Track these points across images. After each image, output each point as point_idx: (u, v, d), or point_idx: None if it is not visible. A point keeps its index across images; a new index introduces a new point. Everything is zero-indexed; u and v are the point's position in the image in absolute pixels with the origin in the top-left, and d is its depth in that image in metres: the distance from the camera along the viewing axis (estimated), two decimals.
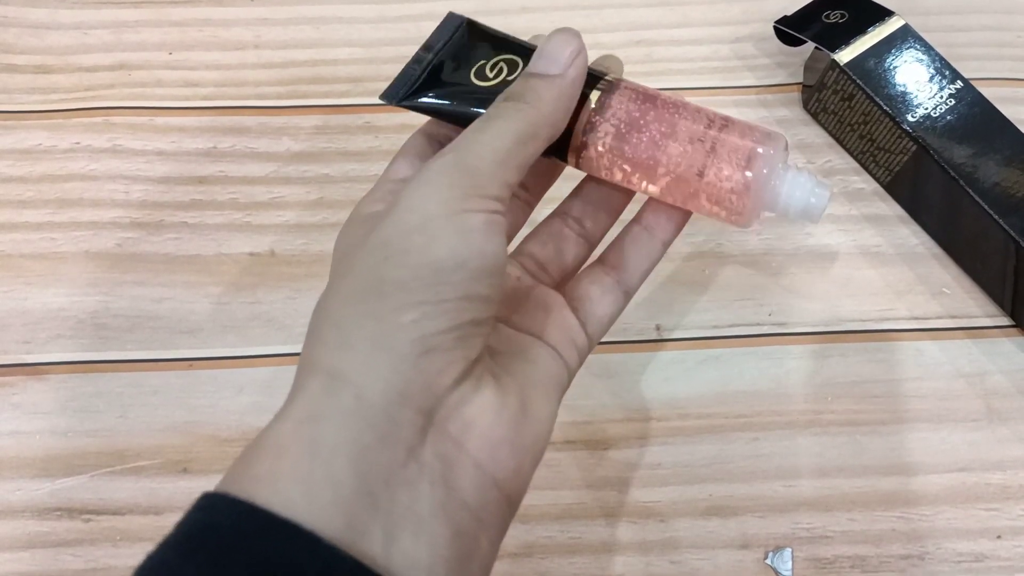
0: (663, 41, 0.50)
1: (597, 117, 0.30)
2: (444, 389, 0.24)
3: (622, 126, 0.30)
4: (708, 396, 0.41)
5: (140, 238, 0.44)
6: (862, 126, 0.45)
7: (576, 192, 0.33)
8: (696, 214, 0.31)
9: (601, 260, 0.32)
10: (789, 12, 0.48)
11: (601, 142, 0.30)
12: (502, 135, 0.26)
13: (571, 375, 0.30)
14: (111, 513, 0.38)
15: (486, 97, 0.30)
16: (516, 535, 0.38)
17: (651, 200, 0.32)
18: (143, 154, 0.46)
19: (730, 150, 0.29)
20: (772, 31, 0.49)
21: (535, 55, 0.29)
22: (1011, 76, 0.49)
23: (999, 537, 0.38)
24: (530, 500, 0.38)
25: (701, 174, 0.29)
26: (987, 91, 0.44)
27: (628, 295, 0.32)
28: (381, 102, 0.30)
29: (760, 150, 0.29)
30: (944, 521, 0.38)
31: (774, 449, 0.39)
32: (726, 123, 0.30)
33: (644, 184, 0.30)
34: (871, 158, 0.45)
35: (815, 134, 0.47)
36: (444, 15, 0.32)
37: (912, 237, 0.45)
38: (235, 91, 0.48)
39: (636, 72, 0.49)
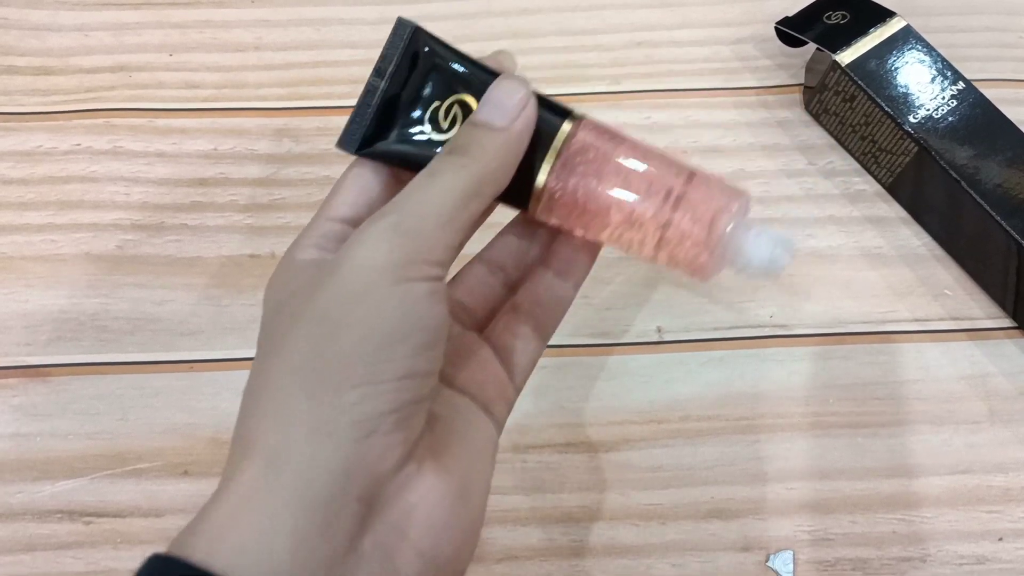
0: (664, 42, 0.50)
1: (561, 164, 0.29)
2: (385, 474, 0.23)
3: (588, 174, 0.29)
4: (709, 398, 0.40)
5: (141, 240, 0.44)
6: (864, 127, 0.45)
7: (500, 239, 0.33)
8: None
9: (516, 307, 0.31)
10: (790, 13, 0.48)
11: (564, 190, 0.29)
12: (445, 194, 0.25)
13: (500, 432, 0.29)
14: (112, 515, 0.38)
15: (440, 146, 0.29)
16: (516, 538, 0.38)
17: (559, 243, 0.31)
18: (144, 156, 0.46)
19: (695, 204, 0.29)
20: (773, 32, 0.49)
21: (482, 101, 0.27)
22: (1013, 77, 0.49)
23: (1000, 539, 0.38)
24: (531, 502, 0.38)
25: (665, 227, 0.29)
26: (989, 92, 0.44)
27: (546, 341, 0.32)
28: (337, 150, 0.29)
29: (726, 206, 0.29)
30: (945, 523, 0.38)
31: (775, 451, 0.39)
32: (692, 175, 0.29)
33: (603, 234, 0.30)
34: (873, 159, 0.45)
35: (816, 135, 0.47)
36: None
37: (914, 238, 0.44)
38: (236, 93, 0.48)
39: (637, 73, 0.49)
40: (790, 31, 0.47)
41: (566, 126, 0.29)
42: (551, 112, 0.29)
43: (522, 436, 0.40)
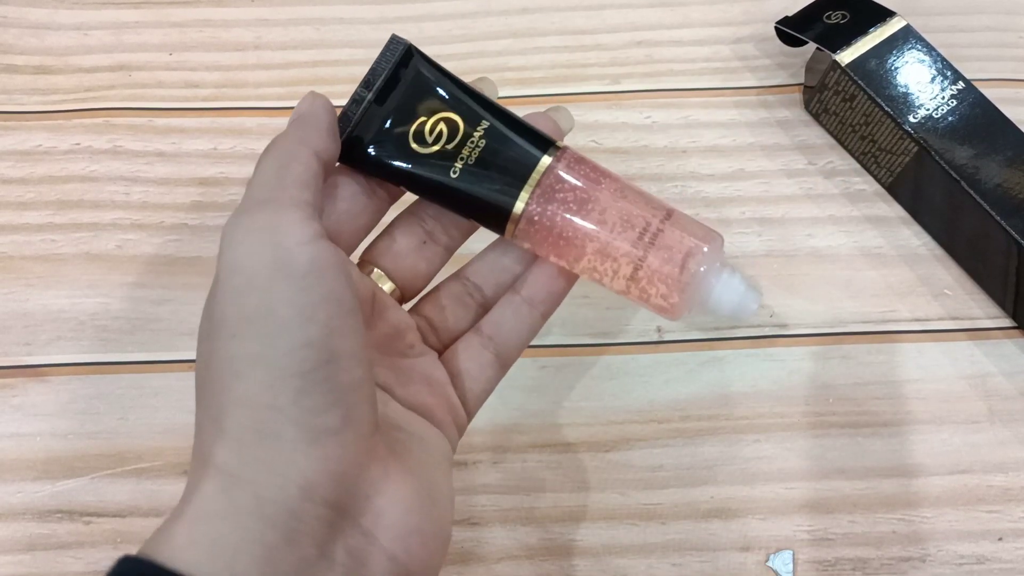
0: (664, 42, 0.50)
1: (541, 193, 0.29)
2: (349, 476, 0.23)
3: (566, 205, 0.29)
4: (709, 398, 0.40)
5: (140, 240, 0.44)
6: (863, 127, 0.45)
7: (481, 257, 0.33)
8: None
9: (480, 330, 0.31)
10: (790, 13, 0.48)
11: (542, 218, 0.29)
12: (265, 168, 0.26)
13: (454, 453, 0.29)
14: (112, 515, 0.38)
15: (423, 164, 0.29)
16: (517, 537, 0.38)
17: (534, 269, 0.31)
18: (143, 155, 0.46)
19: (670, 243, 0.29)
20: (773, 32, 0.49)
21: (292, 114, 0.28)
22: (1013, 77, 0.49)
23: (1000, 539, 0.38)
24: (531, 503, 0.38)
25: (639, 264, 0.29)
26: (989, 92, 0.44)
27: (506, 368, 0.32)
28: None
29: (699, 248, 0.29)
30: (945, 523, 0.38)
31: (775, 451, 0.39)
32: (669, 214, 0.30)
33: (576, 264, 0.30)
34: (872, 159, 0.45)
35: (816, 135, 0.47)
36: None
37: (914, 238, 0.44)
38: (235, 92, 0.48)
39: (637, 72, 0.49)
40: (790, 31, 0.47)
41: (547, 157, 0.29)
42: (534, 142, 0.30)
43: (522, 436, 0.40)
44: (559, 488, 0.39)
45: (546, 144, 0.30)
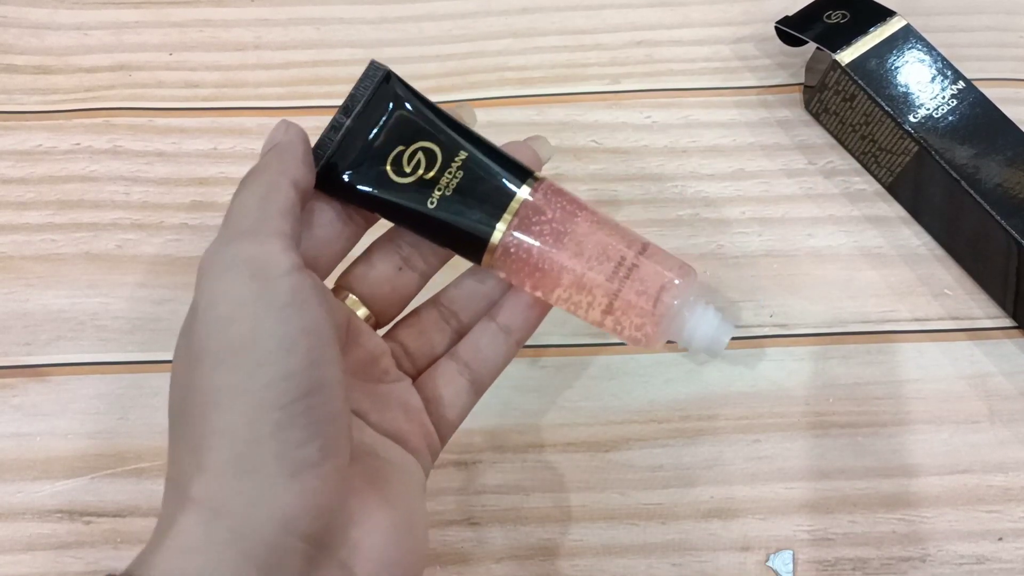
0: (664, 41, 0.50)
1: (518, 224, 0.29)
2: (328, 509, 0.23)
3: (543, 237, 0.29)
4: (709, 398, 0.40)
5: (140, 239, 0.44)
6: (864, 127, 0.45)
7: (458, 284, 0.33)
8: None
9: (454, 354, 0.31)
10: (790, 12, 0.48)
11: (519, 250, 0.29)
12: (246, 198, 0.27)
13: (427, 479, 0.29)
14: (112, 515, 0.38)
15: (401, 193, 0.29)
16: (517, 537, 0.38)
17: (509, 297, 0.32)
18: (143, 155, 0.46)
19: (645, 277, 0.29)
20: (773, 31, 0.49)
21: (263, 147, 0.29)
22: (1013, 76, 0.49)
23: (1000, 539, 0.38)
24: (531, 503, 0.38)
25: (615, 296, 0.29)
26: (989, 92, 0.44)
27: (479, 395, 0.32)
28: None
29: (674, 282, 0.30)
30: (945, 523, 0.38)
31: (775, 451, 0.39)
32: (644, 248, 0.30)
33: (552, 294, 0.30)
34: (873, 159, 0.45)
35: (816, 135, 0.47)
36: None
37: (914, 238, 0.44)
38: (235, 92, 0.48)
39: (637, 72, 0.49)
40: (790, 30, 0.47)
41: (525, 188, 0.30)
42: (512, 172, 0.30)
43: (521, 436, 0.40)
44: (559, 488, 0.39)
45: (524, 175, 0.30)
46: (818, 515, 0.38)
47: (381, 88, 0.30)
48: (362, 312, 0.30)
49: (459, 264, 0.32)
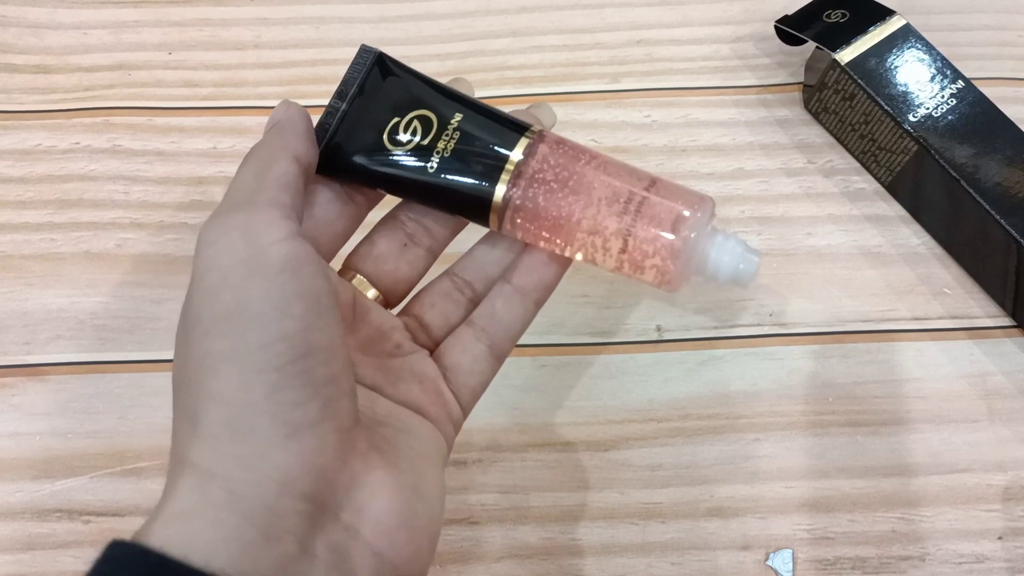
0: (663, 41, 0.50)
1: (520, 177, 0.29)
2: (327, 469, 0.23)
3: (547, 186, 0.29)
4: (709, 397, 0.40)
5: (140, 239, 0.44)
6: (863, 126, 0.45)
7: (470, 253, 0.33)
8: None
9: (471, 322, 0.31)
10: (790, 11, 0.48)
11: (524, 203, 0.29)
12: (244, 172, 0.27)
13: (450, 448, 0.29)
14: (111, 515, 0.38)
15: (400, 163, 0.29)
16: (516, 537, 0.38)
17: (523, 257, 0.31)
18: (143, 154, 0.46)
19: (657, 211, 0.28)
20: (773, 30, 0.49)
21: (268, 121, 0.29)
22: (1012, 76, 0.49)
23: (1000, 538, 0.38)
24: (530, 502, 0.38)
25: (628, 234, 0.28)
26: (988, 91, 0.44)
27: (500, 360, 0.31)
28: None
29: (687, 213, 0.28)
30: (945, 522, 0.38)
31: (775, 450, 0.39)
32: (653, 183, 0.29)
33: (566, 245, 0.30)
34: (872, 158, 0.45)
35: (816, 134, 0.47)
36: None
37: (913, 237, 0.44)
38: (235, 91, 0.48)
39: (636, 71, 0.49)
40: (789, 29, 0.47)
41: (523, 140, 0.29)
42: (509, 127, 0.30)
43: (521, 435, 0.40)
44: (558, 487, 0.39)
45: (521, 128, 0.30)
46: (818, 514, 0.38)
47: (373, 69, 0.30)
48: (370, 292, 0.30)
49: (473, 233, 0.32)
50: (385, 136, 0.29)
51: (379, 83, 0.30)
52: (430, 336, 0.31)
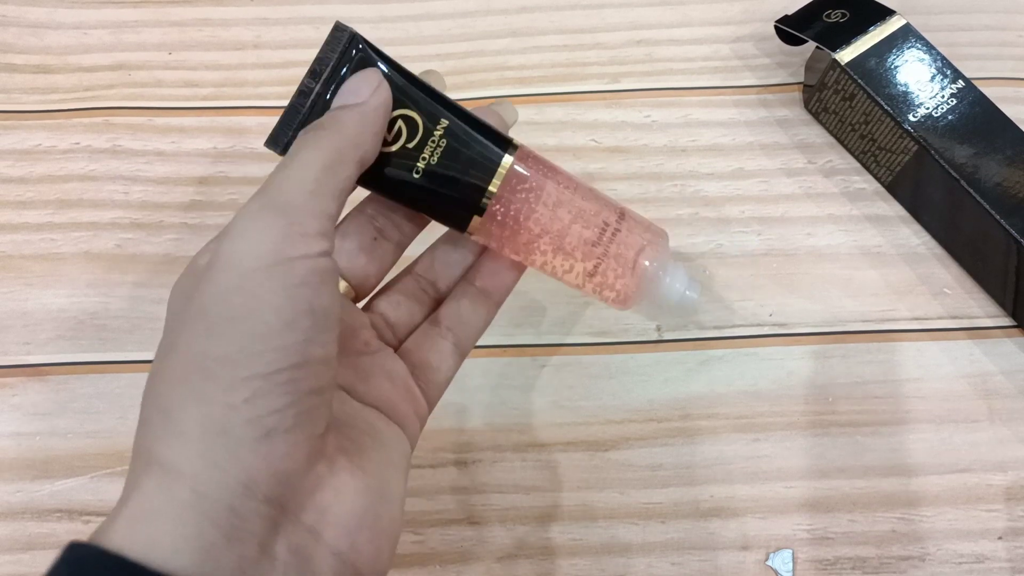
0: (663, 41, 0.50)
1: (503, 193, 0.29)
2: (294, 474, 0.23)
3: (528, 204, 0.30)
4: (709, 397, 0.40)
5: (140, 239, 0.44)
6: (863, 126, 0.45)
7: (431, 252, 0.33)
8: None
9: (436, 320, 0.32)
10: (790, 11, 0.48)
11: (505, 219, 0.30)
12: (308, 165, 0.25)
13: (414, 447, 0.29)
14: None
15: (385, 162, 0.28)
16: (517, 536, 0.38)
17: (486, 260, 0.32)
18: (143, 154, 0.46)
19: (627, 240, 0.31)
20: (773, 30, 0.49)
21: (338, 94, 0.27)
22: (1013, 76, 0.49)
23: (1000, 538, 0.38)
24: (531, 502, 0.38)
25: (600, 260, 0.31)
26: (989, 91, 0.44)
27: (463, 357, 0.32)
28: (267, 149, 0.28)
29: (652, 244, 0.31)
30: (945, 522, 0.38)
31: (775, 450, 0.39)
32: (623, 213, 0.31)
33: (535, 260, 0.31)
34: (872, 158, 0.45)
35: (816, 134, 0.47)
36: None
37: (913, 237, 0.44)
38: (235, 91, 0.48)
39: (636, 71, 0.49)
40: (789, 29, 0.47)
41: (508, 156, 0.30)
42: (494, 141, 0.30)
43: (521, 435, 0.40)
44: (558, 487, 0.39)
45: (505, 143, 0.30)
46: (818, 514, 0.38)
47: (348, 49, 0.29)
48: (342, 286, 0.30)
49: (433, 227, 0.32)
50: None
51: (354, 66, 0.29)
52: (395, 334, 0.32)
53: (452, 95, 0.30)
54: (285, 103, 0.29)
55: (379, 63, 0.29)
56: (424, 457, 0.39)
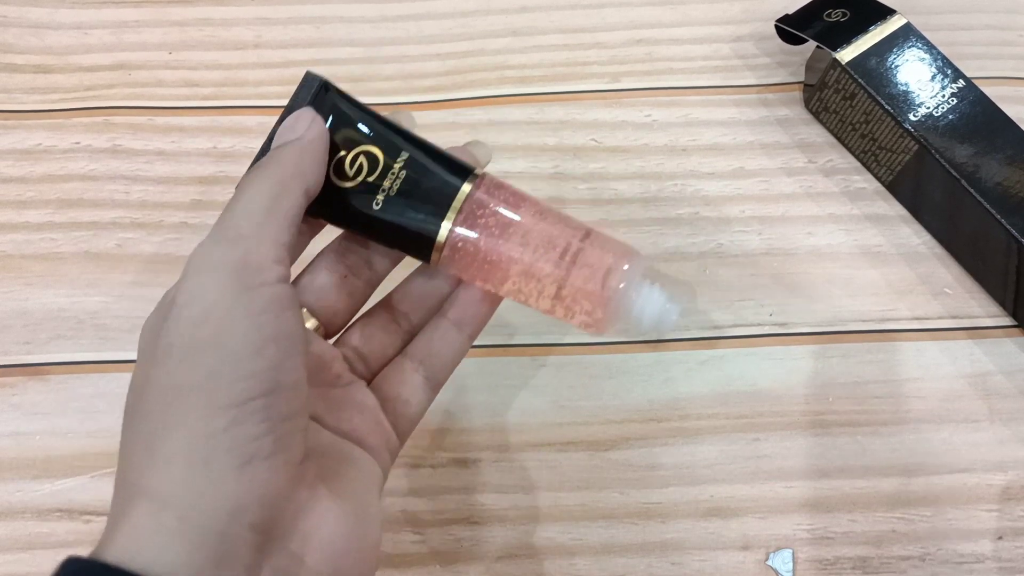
0: (663, 40, 0.50)
1: (462, 220, 0.30)
2: (277, 500, 0.23)
3: (488, 230, 0.30)
4: (709, 397, 0.40)
5: (140, 238, 0.44)
6: (864, 125, 0.45)
7: (407, 284, 0.33)
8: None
9: (409, 354, 0.32)
10: (790, 11, 0.48)
11: (465, 245, 0.30)
12: (254, 198, 0.26)
13: (386, 477, 0.30)
14: None
15: (346, 196, 0.29)
16: (516, 536, 0.38)
17: (460, 292, 0.32)
18: (143, 154, 0.46)
19: (591, 261, 0.30)
20: (773, 30, 0.49)
21: (276, 134, 0.29)
22: (1013, 75, 0.49)
23: (1000, 538, 0.38)
24: (531, 502, 0.38)
25: (562, 282, 0.30)
26: (989, 90, 0.44)
27: (436, 391, 0.32)
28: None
29: (618, 264, 0.30)
30: (945, 522, 0.38)
31: (775, 450, 0.39)
32: (587, 234, 0.30)
33: (502, 286, 0.30)
34: (873, 157, 0.45)
35: (816, 133, 0.47)
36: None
37: (914, 237, 0.44)
38: (235, 91, 0.48)
39: (636, 71, 0.49)
40: (790, 29, 0.47)
41: (467, 185, 0.30)
42: (453, 170, 0.30)
43: (521, 435, 0.40)
44: (558, 487, 0.39)
45: (465, 172, 0.30)
46: (818, 514, 0.38)
47: (318, 97, 0.30)
48: (310, 323, 0.31)
49: (409, 263, 0.32)
50: (331, 170, 0.30)
51: (324, 112, 0.30)
52: (367, 367, 0.32)
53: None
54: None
55: (347, 108, 0.30)
56: (424, 457, 0.39)
